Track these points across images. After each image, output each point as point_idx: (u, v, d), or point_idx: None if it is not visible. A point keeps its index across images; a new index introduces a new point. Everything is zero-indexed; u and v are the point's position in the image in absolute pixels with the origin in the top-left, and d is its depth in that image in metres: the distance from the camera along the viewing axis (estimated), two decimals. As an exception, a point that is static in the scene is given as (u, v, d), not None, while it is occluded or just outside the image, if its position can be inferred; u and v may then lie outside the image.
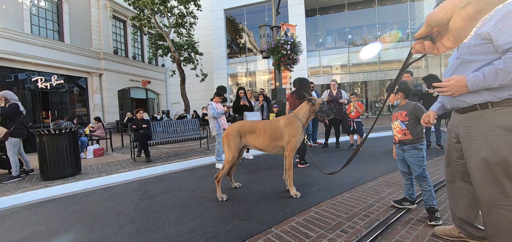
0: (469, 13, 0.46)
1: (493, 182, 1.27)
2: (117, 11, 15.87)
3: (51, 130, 4.25)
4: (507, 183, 1.23)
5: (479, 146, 1.31)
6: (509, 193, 1.23)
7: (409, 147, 2.08)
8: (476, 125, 1.33)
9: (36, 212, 2.85)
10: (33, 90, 11.59)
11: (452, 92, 1.36)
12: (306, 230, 2.00)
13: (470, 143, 1.36)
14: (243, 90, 5.60)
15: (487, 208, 1.32)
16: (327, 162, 4.45)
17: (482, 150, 1.29)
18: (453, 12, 0.48)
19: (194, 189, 3.30)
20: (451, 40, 0.52)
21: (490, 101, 1.26)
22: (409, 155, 2.10)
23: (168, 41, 12.11)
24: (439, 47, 0.55)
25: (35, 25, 11.58)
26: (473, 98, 1.31)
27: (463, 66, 1.35)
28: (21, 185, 3.92)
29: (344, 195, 2.70)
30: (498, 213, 1.27)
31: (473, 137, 1.34)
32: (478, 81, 1.25)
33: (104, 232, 2.21)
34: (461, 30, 0.49)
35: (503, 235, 1.28)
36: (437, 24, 0.53)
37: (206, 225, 2.20)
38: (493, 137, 1.25)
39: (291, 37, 7.00)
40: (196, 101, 18.08)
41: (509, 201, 1.23)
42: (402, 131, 2.11)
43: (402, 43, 16.13)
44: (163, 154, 6.17)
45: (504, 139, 1.22)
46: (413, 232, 1.87)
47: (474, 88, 1.28)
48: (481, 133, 1.31)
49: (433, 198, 2.02)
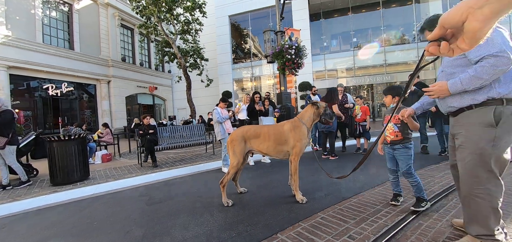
0: (486, 15, 0.45)
1: (471, 171, 1.52)
2: (125, 20, 16.28)
3: (61, 136, 4.34)
4: (482, 173, 1.48)
5: (465, 140, 1.56)
6: (483, 181, 1.47)
7: (400, 146, 2.34)
8: (464, 123, 1.59)
9: (45, 217, 2.90)
10: (44, 97, 11.93)
11: (438, 94, 1.66)
12: (312, 236, 1.97)
13: (459, 139, 1.60)
14: (258, 95, 5.48)
15: (465, 195, 1.56)
16: (334, 167, 4.40)
17: (467, 143, 1.55)
18: (469, 14, 0.47)
19: (200, 194, 3.30)
20: (466, 42, 0.51)
21: (473, 103, 1.53)
22: (399, 153, 2.35)
23: (174, 47, 12.30)
24: (454, 49, 0.54)
25: (46, 34, 11.99)
26: (459, 102, 1.59)
27: (446, 77, 1.66)
28: (32, 191, 4.00)
29: (351, 200, 2.65)
30: (475, 201, 1.51)
31: (461, 134, 1.59)
32: (456, 85, 1.55)
33: (110, 237, 2.23)
34: (477, 32, 0.48)
35: (476, 220, 1.51)
36: (451, 26, 0.51)
37: (212, 231, 2.19)
38: (475, 131, 1.51)
39: (295, 41, 7.02)
40: (202, 106, 18.23)
41: (483, 189, 1.47)
42: (395, 133, 2.35)
43: (408, 45, 15.95)
44: (169, 159, 6.21)
45: (483, 133, 1.48)
46: (423, 239, 1.82)
47: (453, 91, 1.57)
48: (467, 129, 1.56)
49: (421, 190, 2.27)
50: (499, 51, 1.39)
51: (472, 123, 1.53)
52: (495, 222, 1.48)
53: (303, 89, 15.09)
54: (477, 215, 1.50)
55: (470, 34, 0.49)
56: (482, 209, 1.48)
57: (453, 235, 1.84)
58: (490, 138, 1.45)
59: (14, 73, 10.56)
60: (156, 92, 18.77)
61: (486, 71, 1.42)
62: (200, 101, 18.36)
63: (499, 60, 1.39)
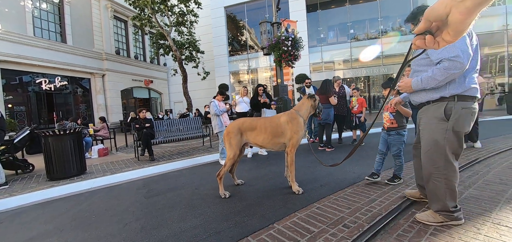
0: (468, 7, 0.47)
1: (430, 158, 1.78)
2: (118, 11, 15.93)
3: (56, 131, 4.30)
4: (439, 160, 1.74)
5: (425, 131, 1.83)
6: (440, 167, 1.74)
7: (394, 132, 2.71)
8: (424, 116, 1.85)
9: (43, 211, 2.91)
10: (37, 92, 11.73)
11: (404, 90, 1.93)
12: (308, 225, 2.01)
13: (421, 128, 1.88)
14: (262, 87, 5.48)
15: (427, 178, 1.84)
16: (330, 157, 4.45)
17: (426, 134, 1.82)
18: (452, 6, 0.49)
19: (197, 186, 3.33)
20: (450, 34, 0.52)
21: (431, 100, 1.78)
22: (392, 139, 2.73)
23: (169, 40, 12.13)
24: (439, 41, 0.56)
25: (37, 27, 11.70)
26: (420, 98, 1.86)
27: (414, 74, 1.90)
28: (28, 185, 3.99)
29: (346, 191, 2.70)
30: (433, 183, 1.79)
31: (422, 125, 1.86)
32: (417, 83, 1.80)
33: (109, 230, 2.25)
34: (460, 24, 0.50)
35: (436, 199, 1.81)
36: (436, 19, 0.53)
37: (209, 222, 2.22)
38: (432, 124, 1.77)
39: (292, 33, 6.97)
40: (198, 99, 18.12)
41: (441, 174, 1.74)
42: (390, 121, 2.71)
43: (405, 37, 15.95)
44: (166, 153, 6.22)
45: (437, 125, 1.74)
46: (415, 226, 1.87)
47: (415, 88, 1.83)
48: (426, 122, 1.82)
49: (401, 170, 2.76)
50: (454, 56, 1.56)
51: (429, 117, 1.79)
52: (451, 200, 1.76)
53: (300, 82, 15.08)
54: (437, 194, 1.79)
55: (453, 26, 0.50)
56: (440, 190, 1.76)
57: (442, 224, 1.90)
58: (443, 130, 1.71)
59: (5, 67, 10.33)
60: (152, 86, 18.58)
61: (441, 73, 1.63)
62: (197, 94, 18.25)
63: (452, 64, 1.57)
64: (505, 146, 4.19)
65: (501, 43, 13.28)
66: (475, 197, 2.29)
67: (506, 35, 13.05)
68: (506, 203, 2.13)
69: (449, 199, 1.75)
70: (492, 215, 1.94)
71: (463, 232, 1.74)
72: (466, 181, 2.73)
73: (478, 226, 1.80)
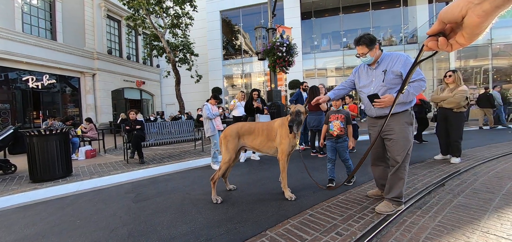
0: (486, 10, 0.45)
1: (401, 153, 2.17)
2: (112, 11, 15.70)
3: (41, 131, 4.14)
4: (406, 156, 2.18)
5: (396, 134, 2.20)
6: (405, 162, 2.18)
7: (341, 140, 3.06)
8: (395, 123, 2.21)
9: (25, 215, 2.76)
10: (23, 89, 11.35)
11: (386, 105, 2.16)
12: (301, 232, 1.99)
13: (392, 133, 2.22)
14: (257, 92, 5.42)
15: (395, 170, 2.22)
16: (322, 163, 4.46)
17: (396, 135, 2.20)
18: (468, 9, 0.47)
19: (188, 191, 3.25)
20: (465, 37, 0.50)
21: (401, 111, 2.21)
22: (341, 145, 3.08)
23: (163, 41, 12.02)
24: (452, 44, 0.54)
25: (26, 23, 11.37)
26: (396, 109, 2.21)
27: (388, 91, 2.21)
28: (9, 187, 3.81)
29: (339, 198, 2.70)
30: (397, 175, 2.22)
31: (394, 129, 2.21)
32: (406, 96, 2.14)
33: (94, 235, 2.15)
34: (476, 28, 0.48)
35: (396, 187, 2.22)
36: (450, 21, 0.51)
37: (200, 228, 2.17)
38: (402, 128, 2.19)
39: (286, 39, 7.03)
40: (191, 102, 17.96)
41: (404, 168, 2.19)
42: (341, 129, 3.03)
43: (396, 47, 16.39)
44: (157, 156, 6.09)
45: (407, 128, 2.20)
46: (407, 234, 1.88)
47: (403, 100, 2.17)
48: (399, 127, 2.20)
49: (350, 170, 3.15)
50: (423, 77, 2.11)
51: (402, 123, 2.19)
52: (403, 188, 2.24)
53: (293, 87, 15.20)
54: (397, 184, 2.22)
55: (469, 29, 0.49)
56: (399, 181, 2.21)
57: (435, 231, 1.91)
58: (410, 132, 2.21)
59: (-10, 63, 9.95)
60: (143, 87, 18.30)
61: (417, 90, 2.12)
62: (190, 97, 18.10)
63: (423, 83, 2.10)
64: (491, 155, 4.32)
65: (486, 56, 13.84)
66: (464, 205, 2.34)
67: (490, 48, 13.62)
68: (494, 211, 2.18)
69: (403, 187, 2.22)
70: (480, 224, 1.97)
71: (454, 240, 1.76)
72: (454, 189, 2.78)
73: (468, 235, 1.83)
